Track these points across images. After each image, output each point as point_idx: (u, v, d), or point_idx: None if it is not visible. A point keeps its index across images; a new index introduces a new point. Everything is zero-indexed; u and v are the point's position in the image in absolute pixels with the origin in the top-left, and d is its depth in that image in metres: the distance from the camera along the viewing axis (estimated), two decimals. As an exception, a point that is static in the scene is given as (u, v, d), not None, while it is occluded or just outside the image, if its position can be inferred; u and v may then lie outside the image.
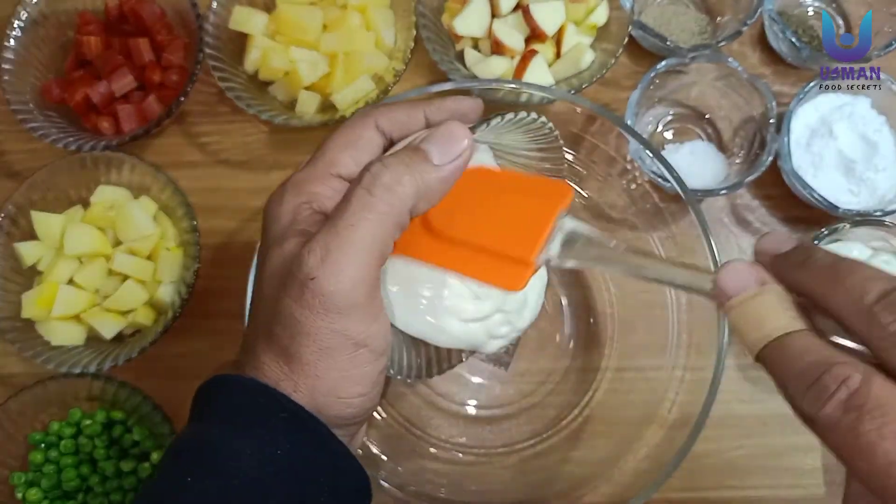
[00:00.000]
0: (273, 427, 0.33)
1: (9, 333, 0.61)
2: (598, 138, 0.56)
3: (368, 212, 0.32)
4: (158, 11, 0.69)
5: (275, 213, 0.36)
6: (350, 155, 0.37)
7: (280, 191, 0.36)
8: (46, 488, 0.60)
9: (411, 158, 0.34)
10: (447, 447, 0.60)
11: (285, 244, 0.34)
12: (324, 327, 0.32)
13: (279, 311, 0.33)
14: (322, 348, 0.33)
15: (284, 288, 0.33)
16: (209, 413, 0.34)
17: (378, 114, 0.38)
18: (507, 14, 0.66)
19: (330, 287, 0.32)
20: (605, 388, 0.60)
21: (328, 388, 0.33)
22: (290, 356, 0.33)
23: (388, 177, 0.33)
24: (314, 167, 0.36)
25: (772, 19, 0.65)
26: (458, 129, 0.35)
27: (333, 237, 0.32)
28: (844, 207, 0.60)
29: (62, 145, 0.64)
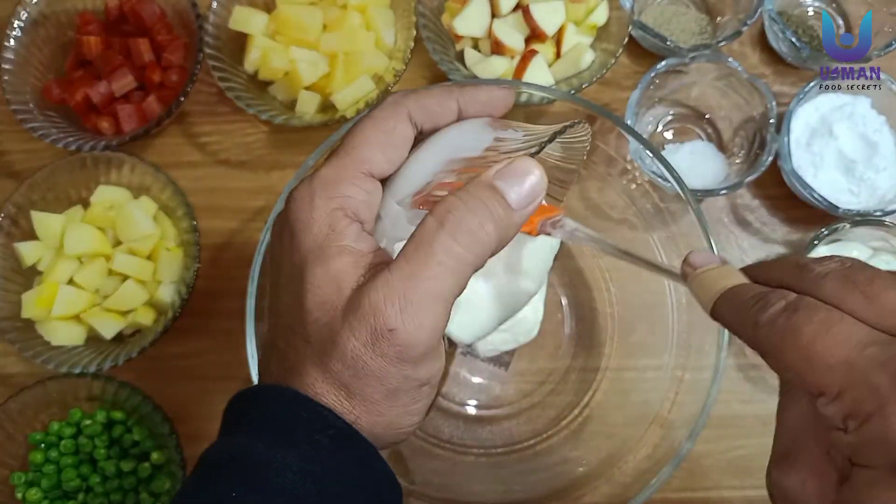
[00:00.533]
0: (317, 443, 0.31)
1: (9, 333, 0.61)
2: (598, 138, 0.56)
3: (453, 261, 0.30)
4: (158, 11, 0.69)
5: (305, 220, 0.33)
6: (382, 151, 0.34)
7: (307, 192, 0.33)
8: (46, 488, 0.60)
9: (490, 199, 0.31)
10: (447, 447, 0.60)
11: (330, 263, 0.32)
12: (395, 373, 0.31)
13: (341, 347, 0.31)
14: (389, 390, 0.32)
15: (350, 328, 0.31)
16: (248, 424, 0.33)
17: (411, 103, 0.35)
18: (507, 14, 0.66)
19: (410, 340, 0.30)
20: (605, 388, 0.60)
21: (388, 422, 0.33)
22: (351, 392, 0.32)
23: (473, 222, 0.30)
24: (343, 165, 0.34)
25: (772, 19, 0.65)
26: (534, 168, 0.32)
27: (414, 289, 0.30)
28: (844, 207, 0.60)
29: (62, 145, 0.64)
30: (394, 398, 0.32)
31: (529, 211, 0.32)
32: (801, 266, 0.29)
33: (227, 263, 0.67)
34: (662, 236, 0.57)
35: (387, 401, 0.32)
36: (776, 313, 0.28)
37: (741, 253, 0.66)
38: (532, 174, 0.32)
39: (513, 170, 0.32)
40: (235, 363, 0.62)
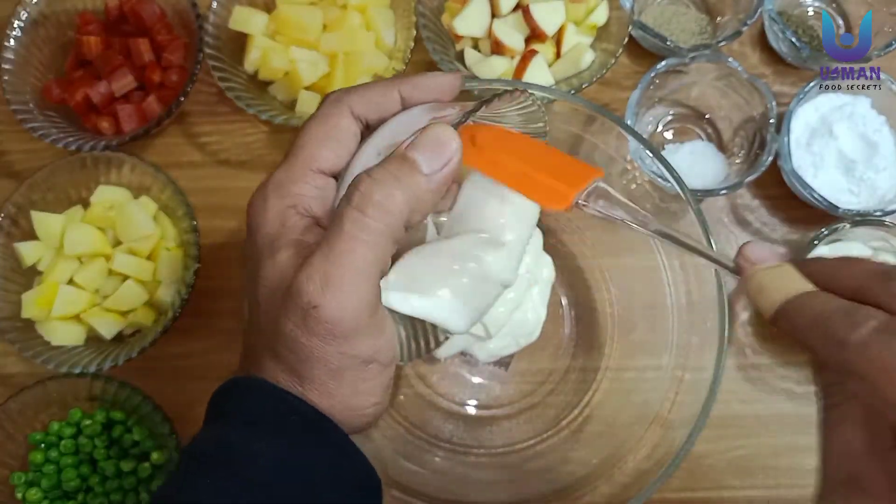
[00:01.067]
0: (291, 432, 0.32)
1: (9, 333, 0.61)
2: (598, 138, 0.56)
3: (364, 233, 0.31)
4: (158, 11, 0.69)
5: (259, 219, 0.35)
6: (329, 148, 0.35)
7: (262, 193, 0.35)
8: (46, 488, 0.60)
9: (400, 170, 0.32)
10: (447, 447, 0.60)
11: (278, 255, 0.33)
12: (331, 351, 0.32)
13: (282, 333, 0.32)
14: (332, 370, 0.32)
15: (286, 312, 0.32)
16: (227, 415, 0.34)
17: (351, 99, 0.36)
18: (507, 14, 0.66)
19: (334, 314, 0.31)
20: (605, 388, 0.60)
21: (342, 403, 0.33)
22: (300, 376, 0.33)
23: (379, 193, 0.32)
24: (293, 165, 0.35)
25: (772, 19, 0.65)
26: (445, 132, 0.33)
27: (331, 263, 0.31)
28: (844, 207, 0.60)
29: (62, 145, 0.64)
30: (339, 378, 0.33)
31: (445, 173, 0.33)
32: (885, 275, 0.28)
33: (227, 263, 0.67)
34: (662, 236, 0.57)
35: (333, 381, 0.33)
36: (868, 335, 0.26)
37: (741, 253, 0.66)
38: (442, 138, 0.33)
39: (423, 137, 0.33)
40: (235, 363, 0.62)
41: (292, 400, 0.33)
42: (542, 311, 0.61)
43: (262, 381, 0.33)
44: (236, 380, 0.35)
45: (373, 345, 0.33)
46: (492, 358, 0.62)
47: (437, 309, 0.37)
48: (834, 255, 0.31)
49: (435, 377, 0.63)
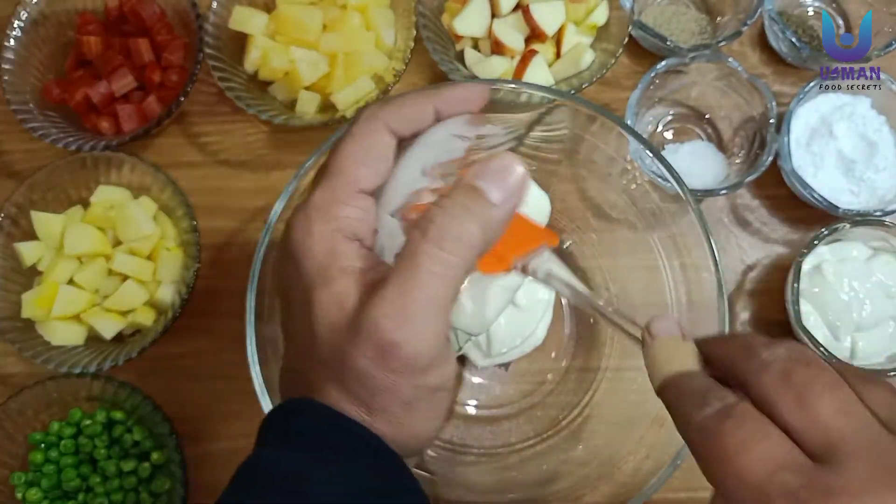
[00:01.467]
0: (353, 459, 0.32)
1: (9, 333, 0.61)
2: (598, 138, 0.56)
3: (441, 268, 0.31)
4: (158, 11, 0.69)
5: (306, 246, 0.34)
6: (368, 166, 0.35)
7: (304, 218, 0.34)
8: (46, 488, 0.60)
9: (471, 201, 0.32)
10: (447, 447, 0.60)
11: (333, 285, 0.33)
12: (406, 384, 0.32)
13: (351, 367, 0.32)
14: (404, 401, 0.32)
15: (356, 346, 0.31)
16: (284, 438, 0.34)
17: (386, 114, 0.36)
18: (507, 14, 0.66)
19: (412, 350, 0.31)
20: (604, 387, 0.60)
21: (409, 431, 0.33)
22: (370, 408, 0.32)
23: (456, 227, 0.31)
24: (334, 187, 0.34)
25: (772, 19, 0.65)
26: (512, 161, 0.33)
27: (408, 299, 0.31)
28: (844, 207, 0.60)
29: (62, 145, 0.64)
30: (412, 409, 0.32)
31: (513, 204, 0.33)
32: (748, 349, 0.29)
33: (228, 263, 0.67)
34: (662, 236, 0.57)
35: (405, 412, 0.32)
36: (709, 417, 0.27)
37: (741, 253, 0.66)
38: (510, 167, 0.33)
39: (491, 167, 0.33)
40: (236, 363, 0.62)
41: (357, 429, 0.32)
42: (547, 316, 0.61)
43: (321, 405, 0.33)
44: (293, 402, 0.34)
45: (443, 373, 0.33)
46: (491, 364, 0.62)
47: (461, 316, 0.39)
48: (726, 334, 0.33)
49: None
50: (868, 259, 0.61)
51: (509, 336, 0.60)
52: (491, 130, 0.36)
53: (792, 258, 0.61)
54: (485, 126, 0.37)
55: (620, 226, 0.61)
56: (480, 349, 0.61)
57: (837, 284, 0.59)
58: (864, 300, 0.59)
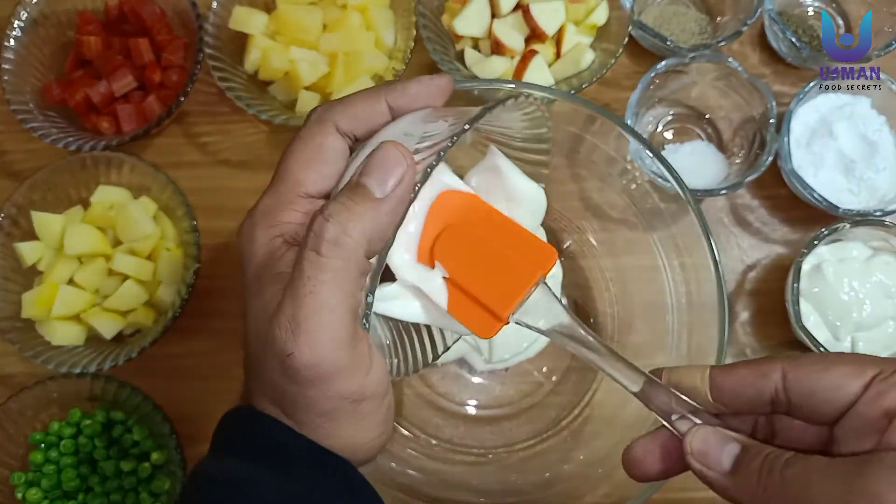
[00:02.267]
0: (291, 465, 0.32)
1: (9, 333, 0.61)
2: (598, 138, 0.56)
3: (323, 273, 0.30)
4: (158, 11, 0.69)
5: (248, 252, 0.34)
6: (315, 170, 0.34)
7: (249, 223, 0.34)
8: (46, 488, 0.60)
9: (352, 199, 0.31)
10: (447, 447, 0.60)
11: (264, 293, 0.32)
12: (317, 396, 0.31)
13: (267, 380, 0.32)
14: (324, 413, 0.32)
15: (266, 359, 0.31)
16: (233, 446, 0.34)
17: (335, 115, 0.35)
18: (507, 14, 0.66)
19: (308, 360, 0.30)
20: (605, 388, 0.60)
21: (343, 441, 0.33)
22: (296, 420, 0.32)
23: (333, 230, 0.30)
24: (278, 192, 0.34)
25: (772, 19, 0.65)
26: (392, 151, 0.31)
27: (297, 307, 0.30)
28: (844, 207, 0.60)
29: (62, 145, 0.64)
30: (333, 419, 0.32)
31: (398, 193, 0.31)
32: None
33: (227, 263, 0.67)
34: (662, 236, 0.57)
35: (329, 424, 0.32)
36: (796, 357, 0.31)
37: (741, 253, 0.66)
38: (389, 157, 0.31)
39: (372, 161, 0.32)
40: (235, 363, 0.62)
41: (292, 436, 0.32)
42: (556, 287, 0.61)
43: (261, 415, 0.33)
44: (241, 410, 0.35)
45: (358, 382, 0.32)
46: (491, 369, 0.62)
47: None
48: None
49: (435, 377, 0.63)
50: (868, 259, 0.61)
51: (514, 342, 0.61)
52: (438, 128, 0.34)
53: (792, 258, 0.61)
54: (436, 122, 0.35)
55: (620, 226, 0.61)
56: (482, 354, 0.61)
57: (837, 284, 0.59)
58: (864, 300, 0.59)
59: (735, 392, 0.31)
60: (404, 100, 0.35)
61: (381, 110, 0.35)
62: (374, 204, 0.31)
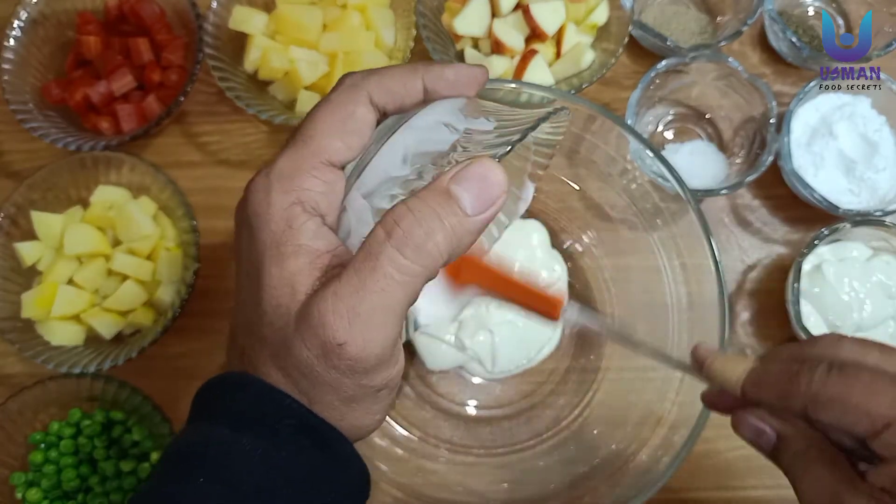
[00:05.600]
0: (280, 431, 0.31)
1: (8, 333, 0.61)
2: (599, 138, 0.56)
3: (400, 274, 0.29)
4: (158, 11, 0.68)
5: (262, 214, 0.32)
6: (341, 139, 0.33)
7: (264, 184, 0.32)
8: (46, 488, 0.60)
9: (442, 207, 0.30)
10: (447, 447, 0.60)
11: (285, 264, 0.31)
12: (348, 383, 0.31)
13: (295, 355, 0.31)
14: (345, 398, 0.31)
15: (302, 338, 0.30)
16: (214, 413, 0.33)
17: (370, 84, 0.34)
18: (507, 14, 0.66)
19: (360, 353, 0.30)
20: (605, 388, 0.60)
21: (350, 425, 0.32)
22: (310, 397, 0.31)
23: (420, 234, 0.29)
24: (300, 156, 0.33)
25: (772, 19, 0.65)
26: (494, 170, 0.30)
27: (361, 300, 0.29)
28: (845, 207, 0.60)
29: (62, 145, 0.64)
30: (352, 404, 0.32)
31: (487, 216, 0.31)
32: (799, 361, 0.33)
33: (227, 263, 0.67)
34: (663, 236, 0.57)
35: (345, 407, 0.32)
36: (824, 373, 0.32)
37: (741, 253, 0.66)
38: (490, 178, 0.30)
39: (470, 173, 0.30)
40: (235, 363, 0.62)
41: (290, 403, 0.31)
42: (556, 337, 0.62)
43: (258, 381, 0.32)
44: (227, 376, 0.33)
45: (388, 375, 0.32)
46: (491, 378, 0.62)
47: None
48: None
49: (435, 377, 0.63)
50: (868, 259, 0.61)
51: (517, 355, 0.61)
52: (482, 126, 0.33)
53: (792, 258, 0.61)
54: (478, 119, 0.34)
55: (621, 226, 0.61)
56: (484, 367, 0.61)
57: (838, 284, 0.59)
58: (865, 300, 0.59)
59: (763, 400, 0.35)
60: (441, 84, 0.35)
61: (416, 88, 0.34)
62: (463, 220, 0.30)
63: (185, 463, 0.31)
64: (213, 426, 0.32)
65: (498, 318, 0.60)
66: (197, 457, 0.31)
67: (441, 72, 0.35)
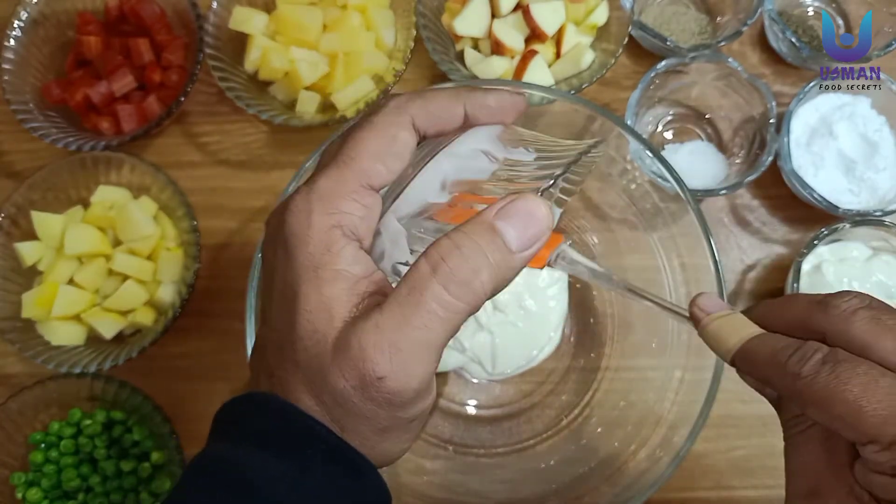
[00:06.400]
0: (309, 457, 0.31)
1: (9, 333, 0.61)
2: (598, 138, 0.56)
3: (444, 311, 0.29)
4: (158, 11, 0.69)
5: (301, 235, 0.31)
6: (384, 163, 0.32)
7: (305, 205, 0.32)
8: (47, 488, 0.60)
9: (488, 244, 0.29)
10: (447, 447, 0.60)
11: (324, 289, 0.31)
12: (384, 415, 0.30)
13: (330, 385, 0.30)
14: (379, 429, 0.31)
15: (340, 369, 0.30)
16: (240, 433, 0.32)
17: (415, 108, 0.34)
18: (507, 14, 0.66)
19: (399, 388, 0.29)
20: (604, 387, 0.61)
21: (379, 453, 0.32)
22: (342, 426, 0.31)
23: (466, 271, 0.29)
24: (343, 178, 0.32)
25: (772, 19, 0.65)
26: (539, 207, 0.30)
27: (404, 336, 0.29)
28: (844, 207, 0.60)
29: (62, 145, 0.64)
30: (385, 434, 0.32)
31: (531, 254, 0.30)
32: (821, 303, 0.30)
33: (228, 263, 0.67)
34: (662, 236, 0.57)
35: (377, 437, 0.31)
36: (816, 366, 0.28)
37: (741, 253, 0.66)
38: (536, 215, 0.30)
39: (515, 209, 0.30)
40: (235, 363, 0.62)
41: (321, 430, 0.31)
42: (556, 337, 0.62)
43: (288, 404, 0.31)
44: (254, 395, 0.33)
45: (423, 407, 0.32)
46: (490, 380, 0.63)
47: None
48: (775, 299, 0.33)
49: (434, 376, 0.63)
50: (868, 259, 0.61)
51: (516, 358, 0.61)
52: (522, 157, 0.33)
53: (792, 258, 0.61)
54: (517, 149, 0.34)
55: (620, 226, 0.61)
56: (484, 368, 0.61)
57: (837, 284, 0.59)
58: (864, 300, 0.59)
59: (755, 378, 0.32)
60: (483, 111, 0.35)
61: (458, 114, 0.35)
62: (507, 256, 0.30)
63: (208, 482, 0.31)
64: (239, 446, 0.31)
65: (498, 318, 0.60)
66: (222, 476, 0.31)
67: (484, 99, 0.35)
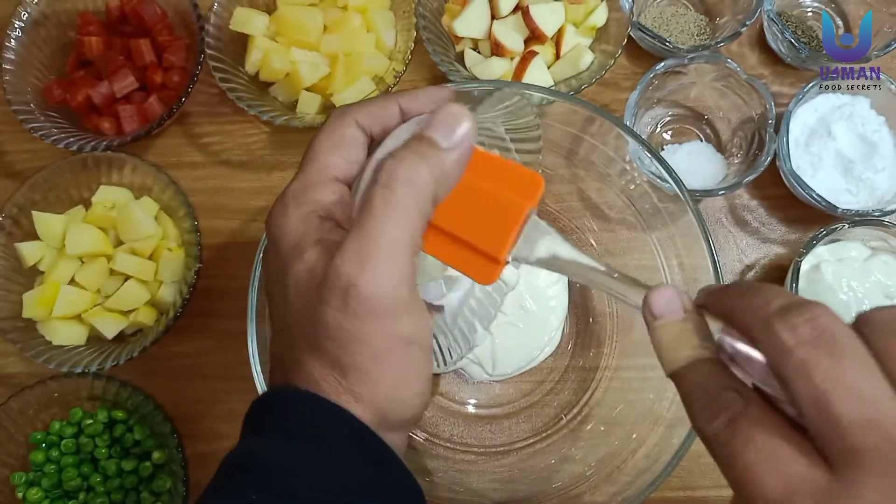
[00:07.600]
0: (333, 444, 0.33)
1: (10, 333, 0.61)
2: (597, 139, 0.56)
3: (394, 210, 0.32)
4: (160, 12, 0.69)
5: (282, 229, 0.35)
6: (340, 155, 0.36)
7: (280, 205, 0.36)
8: (47, 488, 0.60)
9: (421, 147, 0.34)
10: (447, 446, 0.60)
11: (306, 256, 0.34)
12: (375, 332, 0.32)
13: (321, 322, 0.33)
14: (376, 353, 0.33)
15: (323, 299, 0.32)
16: (266, 428, 0.34)
17: (354, 111, 0.38)
18: (506, 15, 0.67)
19: (374, 290, 0.32)
20: (604, 387, 0.61)
21: (387, 392, 0.33)
22: (344, 367, 0.33)
23: (405, 170, 0.33)
24: (308, 174, 0.36)
25: (771, 20, 0.65)
26: (457, 109, 0.35)
27: (365, 242, 0.32)
28: (843, 207, 0.60)
29: (63, 145, 0.64)
30: (384, 361, 0.33)
31: (464, 145, 0.34)
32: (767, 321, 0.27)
33: (229, 263, 0.67)
34: (661, 236, 0.57)
35: (377, 366, 0.33)
36: (721, 426, 0.27)
37: (740, 253, 0.66)
38: (457, 115, 0.35)
39: (438, 116, 0.35)
40: (236, 363, 0.62)
41: (336, 410, 0.33)
42: (556, 338, 0.62)
43: (304, 393, 0.33)
44: (275, 392, 0.35)
45: (413, 323, 0.33)
46: (489, 380, 0.63)
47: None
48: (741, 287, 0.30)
49: (434, 376, 0.63)
50: (867, 259, 0.61)
51: (516, 359, 0.61)
52: None
53: (790, 258, 0.61)
54: None
55: (619, 226, 0.61)
56: (484, 369, 0.61)
57: (836, 284, 0.59)
58: (863, 300, 0.59)
59: None
60: (414, 104, 0.38)
61: (393, 111, 0.38)
62: (441, 153, 0.34)
63: (237, 478, 0.33)
64: (265, 440, 0.34)
65: (499, 320, 0.60)
66: (252, 471, 0.33)
67: (413, 95, 0.39)
